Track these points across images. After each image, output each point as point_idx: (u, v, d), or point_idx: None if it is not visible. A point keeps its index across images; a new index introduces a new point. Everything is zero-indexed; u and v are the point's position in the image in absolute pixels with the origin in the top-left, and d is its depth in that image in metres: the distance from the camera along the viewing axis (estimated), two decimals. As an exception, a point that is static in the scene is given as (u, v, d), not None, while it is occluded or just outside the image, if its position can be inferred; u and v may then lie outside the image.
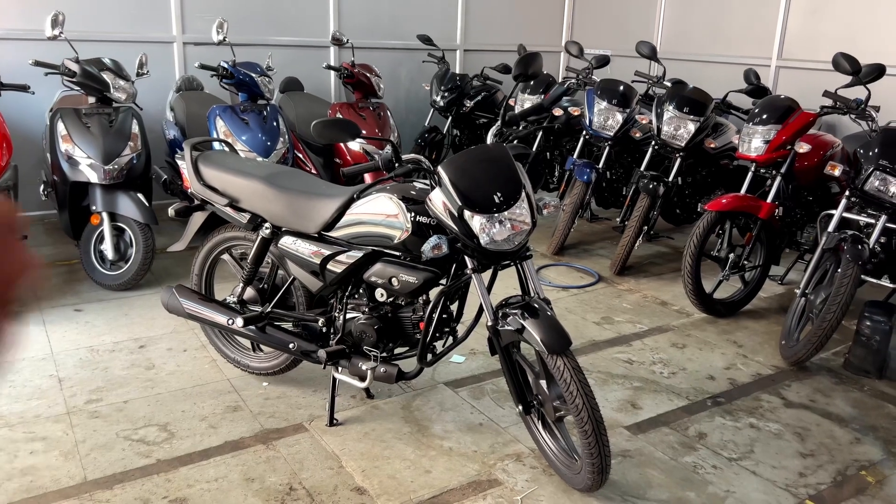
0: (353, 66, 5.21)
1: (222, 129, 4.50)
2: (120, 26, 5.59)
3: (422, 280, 2.55)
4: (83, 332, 3.72)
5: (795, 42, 5.84)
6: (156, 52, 5.75)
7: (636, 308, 4.34)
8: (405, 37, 6.86)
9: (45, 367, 3.34)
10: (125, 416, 2.96)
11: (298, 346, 2.87)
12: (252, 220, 2.89)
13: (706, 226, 4.02)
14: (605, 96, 5.04)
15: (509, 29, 7.46)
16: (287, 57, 6.32)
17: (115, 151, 4.17)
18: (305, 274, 2.81)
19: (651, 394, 3.32)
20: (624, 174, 5.43)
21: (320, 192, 2.75)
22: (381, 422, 2.98)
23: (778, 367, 3.63)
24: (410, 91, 7.10)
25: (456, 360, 3.55)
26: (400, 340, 2.83)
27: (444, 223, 2.43)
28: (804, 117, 4.01)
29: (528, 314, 2.41)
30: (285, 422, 2.96)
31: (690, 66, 6.61)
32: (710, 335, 3.99)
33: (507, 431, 2.94)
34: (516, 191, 2.41)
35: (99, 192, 4.17)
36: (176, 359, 3.47)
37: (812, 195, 4.43)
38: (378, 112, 5.22)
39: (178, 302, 3.03)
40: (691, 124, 4.59)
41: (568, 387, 2.31)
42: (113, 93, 4.30)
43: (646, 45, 5.06)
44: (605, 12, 7.53)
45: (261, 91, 4.66)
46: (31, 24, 4.95)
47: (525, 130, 3.63)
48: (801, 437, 3.01)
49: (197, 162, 3.00)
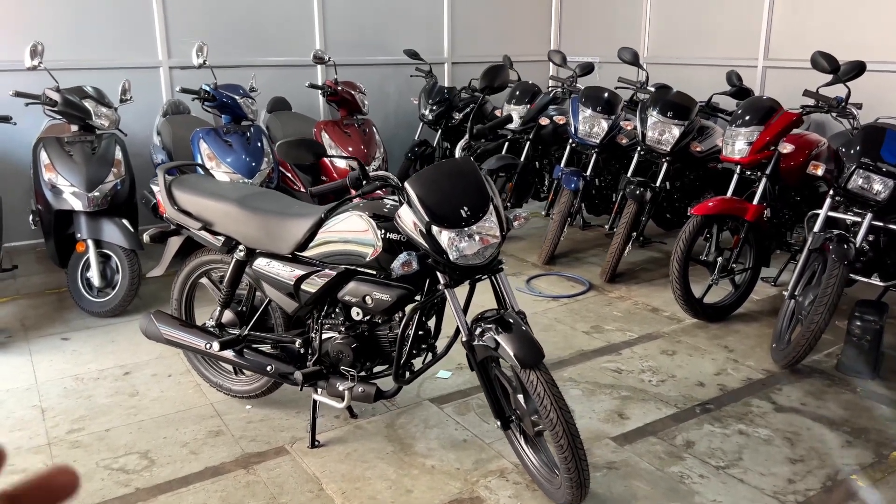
0: (336, 84, 5.22)
1: (206, 151, 4.50)
2: (106, 53, 5.62)
3: (395, 297, 2.53)
4: (69, 361, 3.71)
5: (781, 41, 5.82)
6: (142, 77, 5.77)
7: (626, 315, 4.30)
8: (392, 52, 6.87)
9: (28, 398, 3.33)
10: (106, 444, 2.94)
11: (276, 369, 2.85)
12: (226, 244, 2.88)
13: (692, 230, 3.98)
14: (590, 104, 5.02)
15: (496, 40, 7.47)
16: (275, 77, 6.34)
17: (99, 178, 4.17)
18: (281, 295, 2.79)
19: (639, 403, 3.27)
20: (613, 181, 5.40)
21: (292, 213, 2.73)
22: (363, 441, 2.95)
23: (769, 371, 3.59)
24: (399, 106, 7.10)
25: (442, 375, 3.52)
26: (378, 359, 2.80)
27: (414, 239, 2.41)
28: (786, 117, 3.98)
29: (501, 328, 2.38)
30: (267, 445, 2.94)
31: (678, 69, 6.59)
32: (701, 341, 3.94)
33: (491, 447, 2.90)
34: (483, 204, 2.38)
35: (83, 220, 4.17)
36: (160, 384, 3.45)
37: (800, 195, 4.39)
38: (363, 128, 5.21)
39: (155, 328, 3.02)
40: (675, 129, 4.56)
41: (542, 401, 2.27)
42: (95, 120, 4.31)
43: (627, 50, 5.05)
44: (592, 20, 7.53)
45: (243, 112, 4.66)
46: (14, 55, 4.98)
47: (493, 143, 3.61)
48: (791, 443, 2.96)
49: (171, 187, 3.00)
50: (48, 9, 5.35)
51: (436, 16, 7.14)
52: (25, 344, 3.91)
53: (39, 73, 4.28)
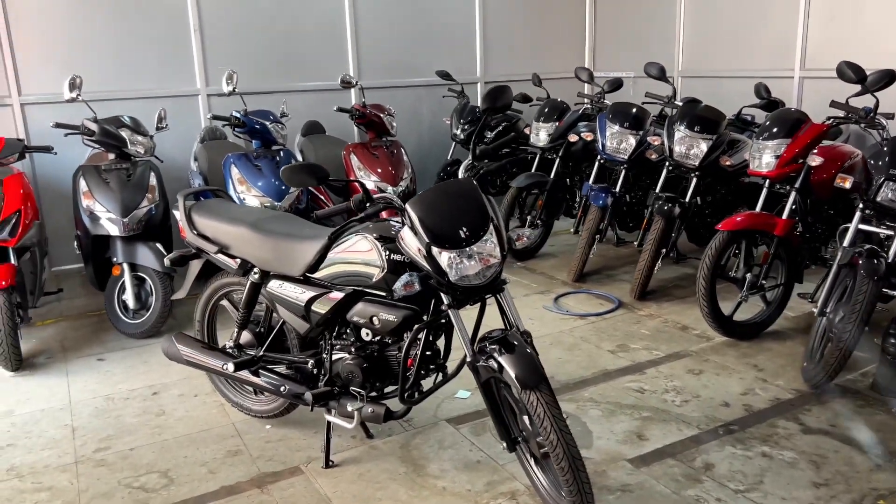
0: (364, 107, 5.30)
1: (236, 176, 4.62)
2: (147, 83, 5.83)
3: (401, 318, 2.55)
4: (102, 381, 3.83)
5: (818, 51, 5.67)
6: (182, 104, 5.97)
7: (654, 334, 4.22)
8: (425, 73, 6.95)
9: (61, 418, 3.45)
10: (129, 463, 3.03)
11: (289, 389, 2.89)
12: (242, 266, 2.95)
13: (718, 246, 3.90)
14: (617, 120, 4.98)
15: (529, 59, 7.48)
16: (310, 101, 6.48)
17: (133, 204, 4.32)
18: (293, 316, 2.84)
19: (659, 424, 3.21)
20: (643, 196, 5.33)
21: (303, 235, 2.79)
22: (377, 462, 2.97)
23: (799, 391, 3.47)
24: (432, 126, 7.16)
25: (461, 395, 3.51)
26: (389, 380, 2.82)
27: (415, 260, 2.43)
28: (814, 129, 3.87)
29: (504, 349, 2.38)
30: (282, 465, 2.98)
31: (713, 82, 6.48)
32: (730, 359, 3.84)
33: (504, 469, 2.88)
34: (483, 224, 2.39)
35: (119, 244, 4.32)
36: (186, 404, 3.54)
37: (833, 209, 4.25)
38: (391, 150, 5.27)
39: (176, 349, 3.10)
40: (703, 143, 4.49)
41: (542, 422, 2.25)
42: (130, 148, 4.48)
43: (654, 65, 5.00)
44: (625, 35, 7.48)
45: (273, 137, 4.77)
46: (55, 89, 5.21)
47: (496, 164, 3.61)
48: (817, 466, 2.86)
49: (190, 212, 3.09)
50: (90, 42, 5.59)
51: (468, 36, 7.20)
52: (64, 364, 4.06)
53: (79, 104, 4.48)
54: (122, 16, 5.67)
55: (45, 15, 5.43)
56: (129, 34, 5.73)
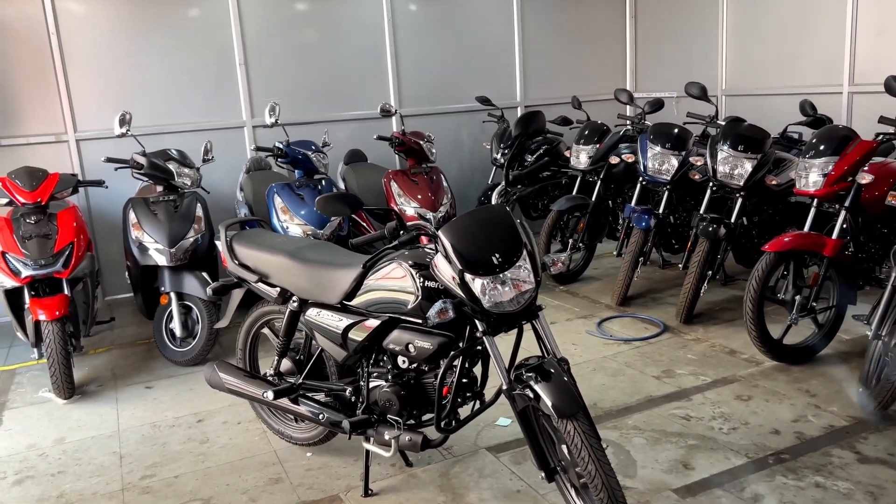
0: (403, 135, 5.35)
1: (280, 205, 4.71)
2: (194, 116, 6.01)
3: (436, 345, 2.54)
4: (150, 409, 3.91)
5: (867, 65, 5.52)
6: (228, 136, 6.13)
7: (701, 359, 4.12)
8: (465, 99, 6.99)
9: (110, 445, 3.53)
10: (173, 490, 3.07)
11: (328, 417, 2.90)
12: (281, 295, 2.98)
13: (765, 267, 3.80)
14: (659, 140, 4.92)
15: (569, 81, 7.46)
16: (353, 130, 6.58)
17: (180, 235, 4.44)
18: (331, 344, 2.85)
19: (706, 452, 3.11)
20: (688, 217, 5.24)
21: (340, 263, 2.81)
22: (416, 491, 2.95)
23: (854, 418, 3.33)
24: (473, 151, 7.19)
25: (502, 423, 3.47)
26: (427, 407, 2.80)
27: (449, 287, 2.43)
28: (863, 146, 3.76)
29: (540, 377, 2.34)
30: (322, 493, 2.98)
31: (758, 100, 6.37)
32: (780, 385, 3.72)
33: (544, 499, 2.83)
34: (516, 250, 2.38)
35: (166, 274, 4.44)
36: (229, 432, 3.58)
37: (887, 227, 4.10)
38: (431, 176, 5.31)
39: (218, 377, 3.15)
40: (748, 163, 4.39)
41: (580, 452, 2.21)
42: (178, 180, 4.61)
43: (695, 85, 4.93)
44: (667, 55, 7.41)
45: (315, 167, 4.86)
46: (107, 125, 5.40)
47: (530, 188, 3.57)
48: (875, 497, 2.73)
49: (232, 242, 3.15)
50: (140, 79, 5.80)
51: (507, 61, 7.23)
52: (114, 392, 4.16)
53: (129, 139, 4.64)
54: (170, 53, 5.87)
55: (98, 54, 5.66)
56: (177, 70, 5.92)
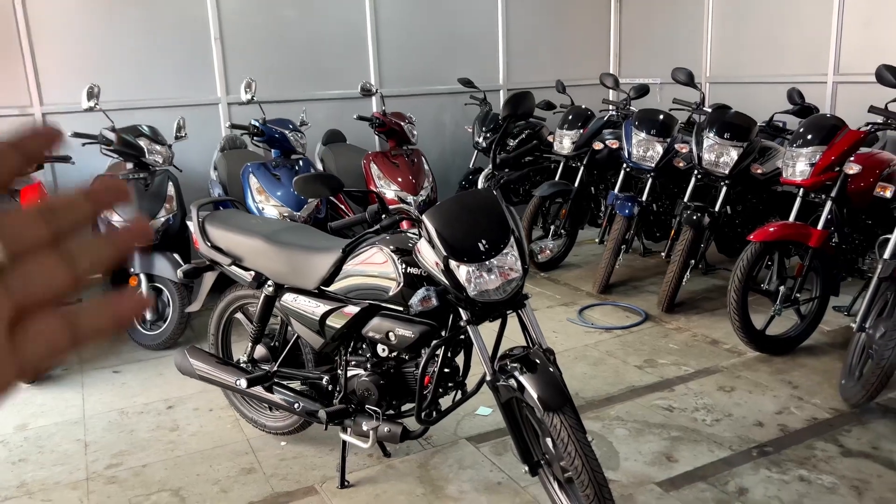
0: (384, 115, 5.22)
1: (255, 185, 4.56)
2: (167, 92, 5.81)
3: (418, 333, 2.44)
4: (117, 394, 3.77)
5: (853, 55, 5.49)
6: (202, 113, 5.94)
7: (683, 348, 4.07)
8: (447, 81, 6.86)
9: (74, 432, 3.39)
10: (141, 480, 2.95)
11: (303, 407, 2.80)
12: (256, 279, 2.86)
13: (750, 258, 3.75)
14: (644, 127, 4.85)
15: (553, 65, 7.36)
16: (331, 109, 6.42)
17: (151, 214, 4.28)
18: (308, 331, 2.74)
19: (690, 444, 3.06)
20: (671, 205, 5.18)
21: (318, 247, 2.70)
22: (394, 482, 2.86)
23: (837, 410, 3.30)
24: (455, 134, 7.07)
25: (482, 412, 3.39)
26: (406, 398, 2.71)
27: (433, 274, 2.33)
28: (851, 136, 3.71)
29: (525, 368, 2.26)
30: (297, 484, 2.88)
31: (742, 88, 6.32)
32: (763, 376, 3.68)
33: (526, 491, 2.76)
34: (504, 237, 2.28)
35: (136, 255, 4.27)
36: (200, 419, 3.46)
37: (872, 218, 4.07)
38: (412, 158, 5.18)
39: (189, 364, 3.02)
40: (734, 151, 4.33)
41: (566, 447, 2.13)
42: (149, 157, 4.43)
43: (682, 71, 4.86)
44: (651, 41, 7.34)
45: (292, 146, 4.71)
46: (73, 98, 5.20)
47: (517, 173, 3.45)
48: (859, 491, 2.70)
49: (204, 223, 3.02)
50: (110, 51, 5.58)
51: (490, 43, 7.10)
52: (80, 377, 4.01)
53: (99, 113, 4.45)
54: (142, 24, 5.66)
55: (66, 25, 5.43)
56: (150, 43, 5.71)
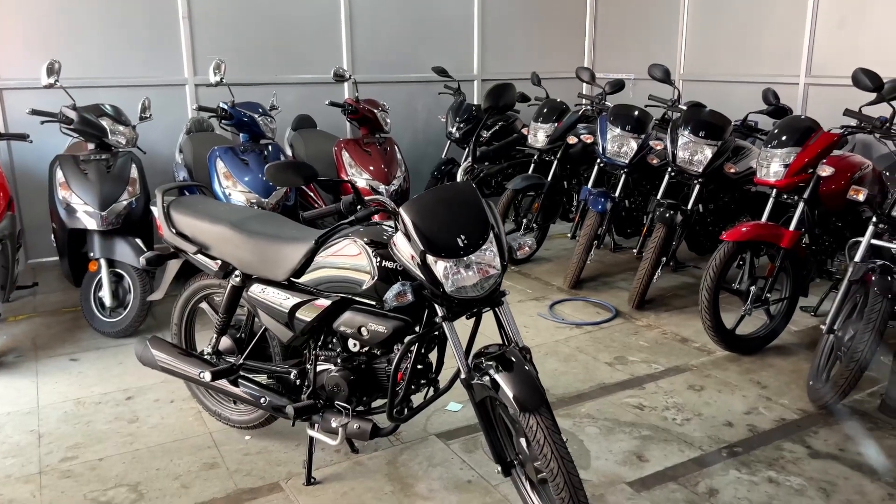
0: (357, 102, 5.11)
1: (222, 170, 4.43)
2: (131, 70, 5.62)
3: (391, 329, 2.37)
4: (74, 383, 3.63)
5: (825, 58, 5.53)
6: (168, 94, 5.77)
7: (653, 346, 4.07)
8: (421, 69, 6.76)
9: (27, 422, 3.25)
10: (97, 475, 2.84)
11: (270, 402, 2.71)
12: (223, 268, 2.76)
13: (723, 257, 3.75)
14: (619, 122, 4.82)
15: (528, 57, 7.31)
16: (302, 94, 6.28)
17: (113, 197, 4.12)
18: (276, 323, 2.66)
19: (660, 444, 3.05)
20: (643, 202, 5.18)
21: (289, 237, 2.61)
22: (362, 480, 2.79)
23: (805, 411, 3.32)
24: (428, 124, 6.98)
25: (451, 408, 3.34)
26: (377, 394, 2.64)
27: (409, 268, 2.26)
28: (826, 138, 3.72)
29: (501, 367, 2.20)
30: (261, 480, 2.80)
31: (715, 86, 6.34)
32: (732, 375, 3.69)
33: (496, 490, 2.71)
34: (483, 233, 2.22)
35: (97, 239, 4.12)
36: (161, 411, 3.35)
37: (842, 221, 4.11)
38: (385, 147, 5.10)
39: (150, 354, 2.91)
40: (708, 149, 4.33)
41: (542, 448, 2.08)
42: (111, 138, 4.27)
43: (658, 67, 4.84)
44: (626, 36, 7.33)
45: (261, 131, 4.58)
46: (32, 73, 5.00)
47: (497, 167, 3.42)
48: (827, 494, 2.71)
49: (169, 208, 2.90)
50: (72, 26, 5.38)
51: (466, 32, 7.02)
52: (34, 364, 3.86)
53: (59, 91, 4.27)
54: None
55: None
56: (115, 19, 5.51)
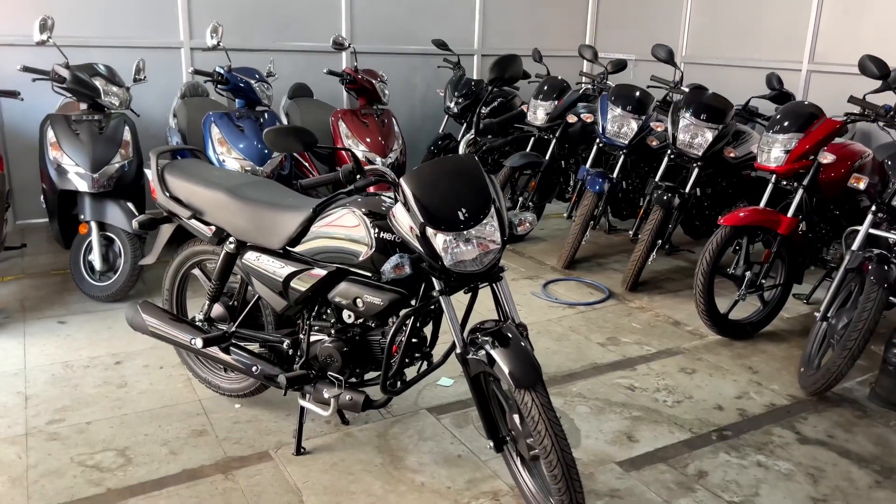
0: (356, 72, 5.04)
1: (217, 136, 4.36)
2: (126, 31, 5.51)
3: (387, 301, 2.35)
4: (62, 346, 3.60)
5: (829, 44, 5.49)
6: (163, 57, 5.67)
7: (646, 328, 4.07)
8: (421, 41, 6.68)
9: (14, 384, 3.22)
10: (84, 438, 2.81)
11: (261, 370, 2.68)
12: (217, 234, 2.72)
13: (720, 241, 3.73)
14: (620, 102, 4.78)
15: (529, 33, 7.22)
16: (299, 62, 6.20)
17: (105, 159, 4.05)
18: (270, 292, 2.62)
19: (651, 425, 3.05)
20: (641, 184, 5.16)
21: (285, 205, 2.56)
22: (352, 451, 2.78)
23: (795, 397, 3.33)
24: (426, 97, 6.91)
25: (443, 382, 3.33)
26: (370, 366, 2.63)
27: (407, 241, 2.23)
28: (829, 125, 3.70)
29: (497, 343, 2.19)
30: (251, 449, 2.78)
31: (717, 70, 6.29)
32: (724, 359, 3.70)
33: (486, 465, 2.71)
34: (484, 207, 2.18)
35: (87, 201, 4.06)
36: (150, 376, 3.32)
37: (839, 209, 4.10)
38: (382, 119, 5.03)
39: (141, 319, 2.87)
40: (709, 132, 4.30)
41: (536, 425, 2.07)
42: (104, 99, 4.19)
43: (662, 48, 4.79)
44: (629, 15, 7.25)
45: (257, 97, 4.51)
46: (24, 30, 4.89)
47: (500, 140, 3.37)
48: (814, 479, 2.72)
49: (164, 172, 2.85)
50: (69, -16, 5.26)
51: (468, 6, 6.92)
52: (22, 325, 3.82)
53: (51, 48, 4.18)
54: (103, -43, 5.34)
55: (20, -49, 5.08)
56: (110, -22, 5.39)
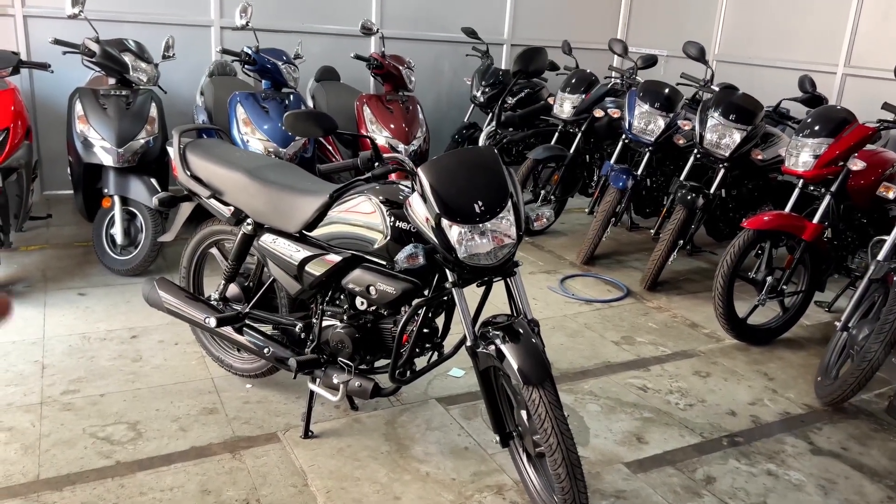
0: (383, 57, 5.02)
1: (242, 116, 4.38)
2: (157, 7, 5.54)
3: (400, 291, 2.34)
4: (80, 318, 3.64)
5: (866, 48, 5.37)
6: (193, 35, 5.69)
7: (662, 328, 4.03)
8: (450, 29, 6.64)
9: (32, 352, 3.27)
10: (98, 410, 2.85)
11: (273, 353, 2.70)
12: (235, 215, 2.73)
13: (742, 244, 3.68)
14: (648, 99, 4.71)
15: (560, 24, 7.15)
16: (327, 45, 6.19)
17: (130, 134, 4.08)
18: (285, 275, 2.63)
19: (661, 427, 3.02)
20: (665, 182, 5.09)
21: (304, 189, 2.56)
22: (359, 437, 2.79)
23: (810, 407, 3.28)
24: (453, 85, 6.87)
25: (454, 373, 3.33)
26: (381, 353, 2.63)
27: (422, 231, 2.22)
28: (860, 131, 3.62)
29: (508, 338, 2.17)
30: (259, 430, 2.80)
31: (749, 69, 6.19)
32: (739, 364, 3.65)
33: (492, 459, 2.71)
34: (501, 200, 2.17)
35: (112, 175, 4.10)
36: (165, 352, 3.35)
37: (867, 217, 4.02)
38: (407, 105, 5.02)
39: (157, 295, 2.90)
40: (737, 133, 4.23)
41: (542, 423, 2.06)
42: (132, 74, 4.22)
43: (694, 45, 4.71)
44: (662, 10, 7.14)
45: (284, 79, 4.52)
46: (56, 2, 4.93)
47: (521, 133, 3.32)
48: (825, 491, 2.68)
49: (185, 150, 2.86)
50: (104, -42, 5.29)
51: (499, -6, 6.86)
52: (42, 295, 3.87)
53: (83, 22, 4.21)
54: (137, -67, 5.36)
55: (57, -77, 5.12)
56: (144, -47, 5.42)
